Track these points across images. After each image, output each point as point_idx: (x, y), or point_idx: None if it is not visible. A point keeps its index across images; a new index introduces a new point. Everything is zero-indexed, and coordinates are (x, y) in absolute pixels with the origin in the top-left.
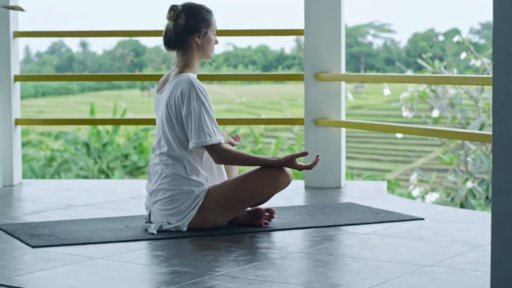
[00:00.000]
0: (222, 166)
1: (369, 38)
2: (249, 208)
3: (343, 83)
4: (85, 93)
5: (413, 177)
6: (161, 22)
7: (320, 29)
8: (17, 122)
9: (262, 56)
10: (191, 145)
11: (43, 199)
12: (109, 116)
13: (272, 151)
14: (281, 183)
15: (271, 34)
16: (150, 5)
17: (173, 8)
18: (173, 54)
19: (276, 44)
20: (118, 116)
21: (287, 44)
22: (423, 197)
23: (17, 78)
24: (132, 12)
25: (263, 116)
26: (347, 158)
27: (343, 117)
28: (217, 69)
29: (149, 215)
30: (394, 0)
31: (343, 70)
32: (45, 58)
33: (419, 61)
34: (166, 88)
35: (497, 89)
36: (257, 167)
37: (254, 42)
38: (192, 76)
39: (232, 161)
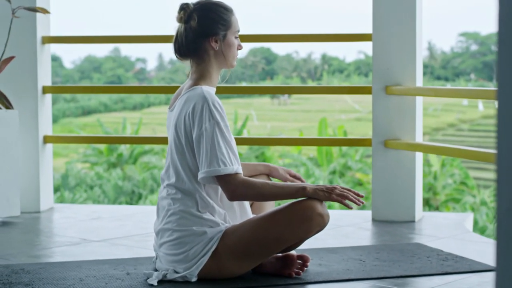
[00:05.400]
0: (245, 202)
1: None
2: (279, 254)
3: (419, 98)
4: None
5: None
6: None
7: (391, 34)
8: (46, 139)
9: None
10: (200, 175)
11: (60, 231)
12: (230, 124)
13: None
14: (314, 226)
15: (333, 40)
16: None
17: (183, 8)
18: (187, 64)
19: None
20: (240, 124)
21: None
22: None
23: (46, 90)
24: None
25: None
26: (475, 169)
27: (418, 139)
28: (348, 78)
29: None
30: None
31: (418, 83)
32: (178, 66)
33: None
34: (176, 104)
35: (502, 148)
36: (286, 203)
37: None
38: (207, 89)
39: (251, 195)
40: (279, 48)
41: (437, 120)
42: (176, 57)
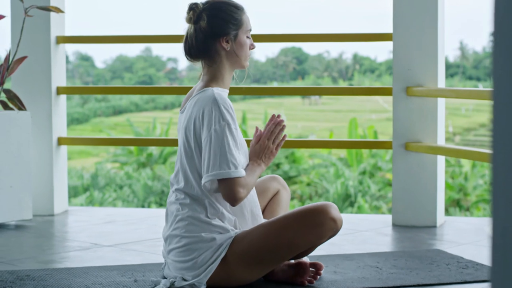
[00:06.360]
0: (256, 207)
1: None
2: (292, 260)
3: (441, 99)
4: (246, 100)
5: None
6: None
7: (412, 34)
8: (60, 141)
9: None
10: (207, 178)
11: (72, 236)
12: (259, 124)
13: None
14: (326, 231)
15: (353, 40)
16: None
17: (192, 8)
18: (199, 66)
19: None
20: None
21: (450, 53)
22: None
23: (60, 91)
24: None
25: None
26: None
27: (440, 142)
28: (379, 77)
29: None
30: None
31: (440, 84)
32: None
33: None
34: (187, 106)
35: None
36: (298, 208)
37: None
38: (218, 91)
39: (247, 193)
40: (310, 48)
41: (469, 120)
42: (187, 58)
